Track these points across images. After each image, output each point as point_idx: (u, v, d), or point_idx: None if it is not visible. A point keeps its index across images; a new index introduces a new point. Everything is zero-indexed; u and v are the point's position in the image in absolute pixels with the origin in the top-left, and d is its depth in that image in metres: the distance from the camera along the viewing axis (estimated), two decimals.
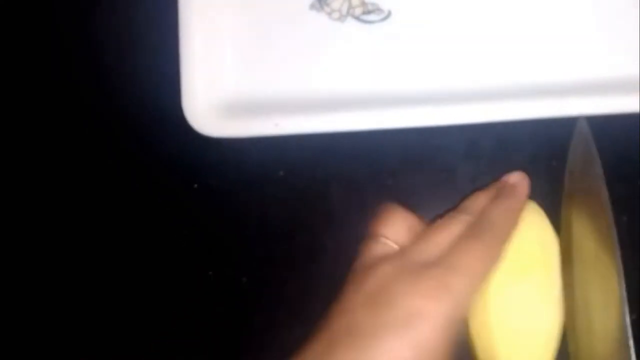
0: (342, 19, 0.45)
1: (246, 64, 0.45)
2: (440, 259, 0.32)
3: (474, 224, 0.35)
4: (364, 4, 0.44)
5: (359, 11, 0.44)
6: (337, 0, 0.44)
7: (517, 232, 0.37)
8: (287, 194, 0.45)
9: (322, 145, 0.44)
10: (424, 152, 0.45)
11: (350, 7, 0.45)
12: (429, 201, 0.44)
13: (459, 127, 0.42)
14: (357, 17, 0.44)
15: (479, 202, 0.37)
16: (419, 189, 0.44)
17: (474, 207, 0.36)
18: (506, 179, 0.39)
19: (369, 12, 0.44)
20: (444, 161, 0.45)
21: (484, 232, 0.34)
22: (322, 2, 0.44)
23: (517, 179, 0.38)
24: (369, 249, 0.35)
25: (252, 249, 0.45)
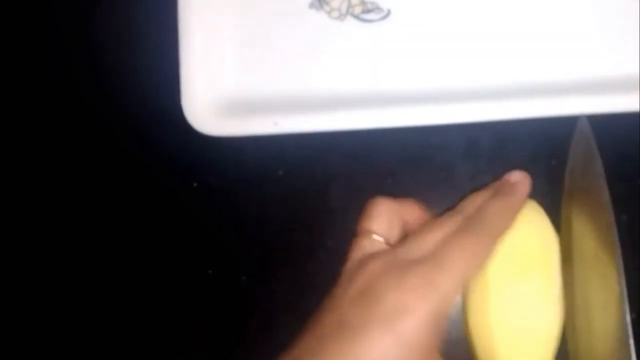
0: (341, 17, 0.45)
1: (245, 63, 0.45)
2: (427, 256, 0.33)
3: (468, 219, 0.35)
4: (363, 2, 0.44)
5: (358, 10, 0.44)
6: None
7: (517, 231, 0.37)
8: (286, 193, 0.45)
9: (322, 144, 0.44)
10: (423, 151, 0.45)
11: (349, 6, 0.44)
12: (429, 200, 0.43)
13: (459, 126, 0.42)
14: (357, 16, 0.44)
15: (477, 203, 0.37)
16: (419, 187, 0.44)
17: (472, 207, 0.36)
18: (507, 178, 0.39)
19: (368, 11, 0.44)
20: (443, 160, 0.45)
21: (475, 228, 0.34)
22: (321, 1, 0.44)
23: (519, 178, 0.38)
24: (359, 246, 0.36)
25: (252, 247, 0.45)
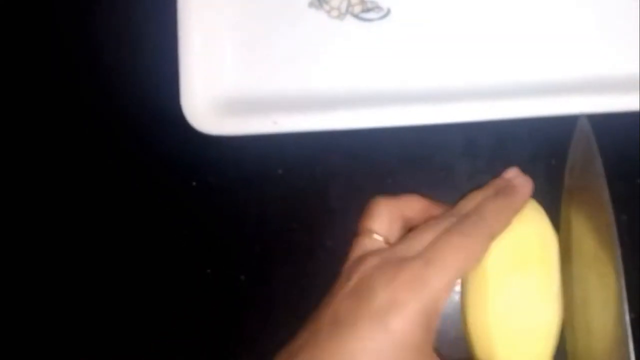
0: (341, 17, 0.45)
1: (245, 62, 0.45)
2: (420, 254, 0.33)
3: (464, 217, 0.35)
4: (363, 2, 0.44)
5: (358, 9, 0.44)
6: None
7: (516, 229, 0.37)
8: (285, 192, 0.45)
9: (321, 143, 0.44)
10: (423, 151, 0.45)
11: (349, 5, 0.44)
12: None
13: (458, 125, 0.42)
14: (356, 15, 0.44)
15: (474, 201, 0.37)
16: (418, 187, 0.44)
17: (469, 206, 0.37)
18: (506, 175, 0.39)
19: (368, 10, 0.44)
20: (443, 160, 0.45)
21: (470, 226, 0.34)
22: (321, 0, 0.44)
23: (521, 180, 0.38)
24: (359, 245, 0.36)
25: (251, 247, 0.45)
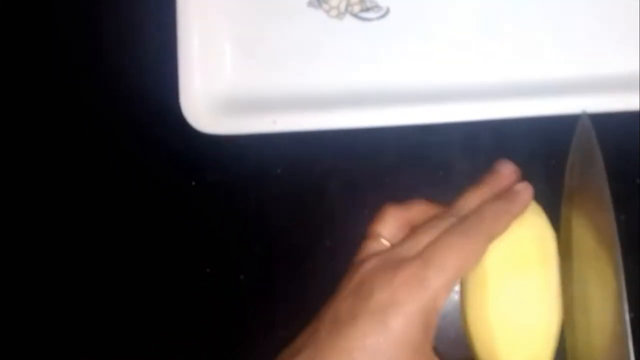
0: (340, 16, 0.45)
1: (244, 62, 0.45)
2: (419, 254, 0.34)
3: (463, 218, 0.36)
4: (362, 1, 0.44)
5: (357, 8, 0.44)
6: None
7: (515, 229, 0.37)
8: (284, 192, 0.45)
9: (320, 142, 0.44)
10: (422, 150, 0.45)
11: (348, 5, 0.44)
12: (427, 198, 0.43)
13: (458, 125, 0.42)
14: (356, 15, 0.44)
15: (472, 201, 0.37)
16: (417, 186, 0.45)
17: (467, 206, 0.37)
18: (496, 168, 0.39)
19: (367, 10, 0.44)
20: (442, 159, 0.45)
21: (469, 227, 0.35)
22: (320, 0, 0.44)
23: (522, 186, 0.38)
24: (365, 247, 0.37)
25: (250, 246, 0.45)
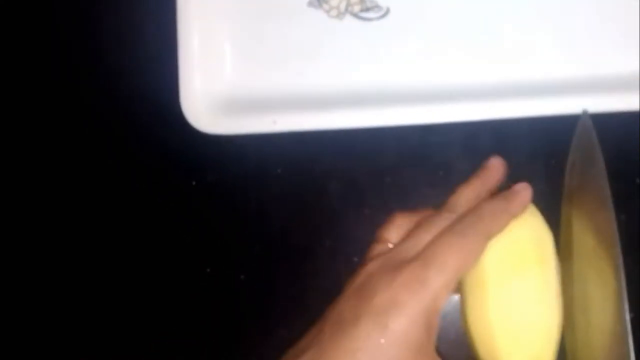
0: (340, 16, 0.45)
1: (244, 62, 0.45)
2: (419, 255, 0.34)
3: (462, 216, 0.36)
4: (362, 1, 0.44)
5: (357, 8, 0.44)
6: None
7: (513, 231, 0.37)
8: (285, 192, 0.45)
9: (320, 142, 0.44)
10: (422, 150, 0.45)
11: (348, 5, 0.44)
12: (427, 198, 0.44)
13: (458, 125, 0.42)
14: (356, 15, 0.44)
15: (465, 198, 0.38)
16: (417, 186, 0.45)
17: (461, 203, 0.37)
18: (486, 165, 0.39)
19: (367, 10, 0.44)
20: (442, 159, 0.45)
21: (468, 226, 0.35)
22: (320, 0, 0.45)
23: (521, 187, 0.38)
24: (372, 250, 0.37)
25: (250, 246, 0.45)
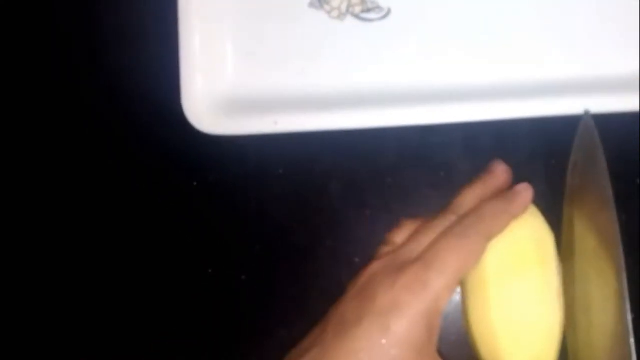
0: (341, 17, 0.45)
1: (245, 62, 0.45)
2: (421, 256, 0.35)
3: (462, 218, 0.36)
4: (363, 2, 0.44)
5: (358, 9, 0.44)
6: None
7: (514, 232, 0.37)
8: (286, 192, 0.45)
9: (321, 143, 0.44)
10: (423, 151, 0.45)
11: (349, 5, 0.45)
12: (427, 199, 0.44)
13: (458, 125, 0.42)
14: (357, 15, 0.45)
15: (469, 200, 0.38)
16: (418, 187, 0.45)
17: (464, 205, 0.37)
18: (491, 168, 0.39)
19: (368, 10, 0.44)
20: (442, 159, 0.45)
21: (468, 227, 0.35)
22: (321, 1, 0.44)
23: (522, 188, 0.38)
24: (378, 251, 0.37)
25: (252, 246, 0.45)
